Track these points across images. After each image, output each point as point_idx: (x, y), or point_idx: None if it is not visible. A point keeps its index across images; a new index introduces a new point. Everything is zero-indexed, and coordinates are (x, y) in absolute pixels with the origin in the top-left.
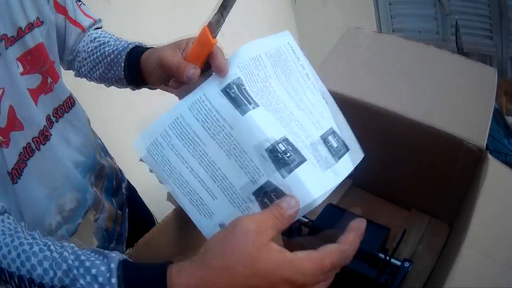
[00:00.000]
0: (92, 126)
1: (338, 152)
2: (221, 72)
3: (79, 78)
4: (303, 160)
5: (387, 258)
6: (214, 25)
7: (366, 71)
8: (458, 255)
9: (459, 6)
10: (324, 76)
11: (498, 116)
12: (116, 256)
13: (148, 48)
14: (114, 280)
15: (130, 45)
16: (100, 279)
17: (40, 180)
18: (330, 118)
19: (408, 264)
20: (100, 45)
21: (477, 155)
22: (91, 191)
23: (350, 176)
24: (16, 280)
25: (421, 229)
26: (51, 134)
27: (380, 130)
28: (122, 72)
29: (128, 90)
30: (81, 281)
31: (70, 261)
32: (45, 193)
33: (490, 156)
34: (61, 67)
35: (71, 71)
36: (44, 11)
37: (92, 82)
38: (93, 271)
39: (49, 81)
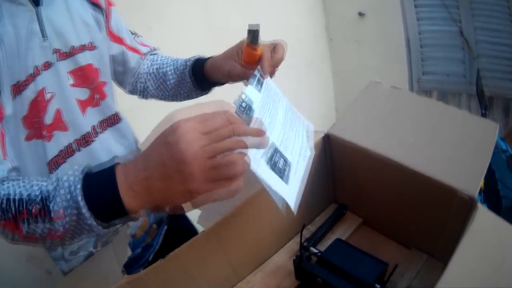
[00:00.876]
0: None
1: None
2: (265, 74)
3: (144, 100)
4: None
5: None
6: (252, 42)
7: (380, 123)
8: None
9: (487, 49)
10: (343, 126)
11: (510, 162)
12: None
13: (206, 59)
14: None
15: (190, 61)
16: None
17: None
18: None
19: None
20: (161, 66)
21: (469, 204)
22: None
23: (361, 216)
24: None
25: (418, 266)
26: (94, 141)
27: (387, 177)
28: (192, 85)
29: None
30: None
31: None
32: None
33: (479, 205)
34: (113, 89)
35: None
36: (97, 39)
37: (160, 100)
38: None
39: (96, 97)
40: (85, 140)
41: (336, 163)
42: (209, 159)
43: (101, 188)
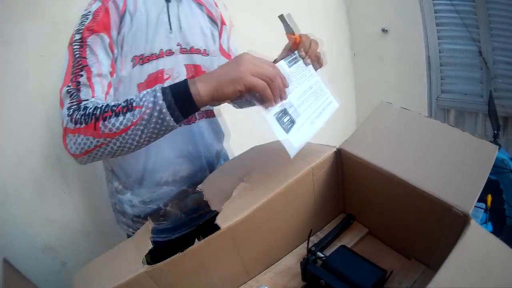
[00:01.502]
0: None
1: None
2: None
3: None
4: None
5: None
6: (286, 29)
7: (387, 141)
8: None
9: (504, 70)
10: (354, 143)
11: None
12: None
13: None
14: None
15: None
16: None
17: (173, 144)
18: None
19: None
20: None
21: (463, 219)
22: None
23: (367, 226)
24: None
25: (415, 276)
26: (193, 123)
27: (391, 191)
28: None
29: None
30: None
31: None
32: (173, 154)
33: (472, 221)
34: None
35: None
36: (210, 48)
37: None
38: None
39: None
40: (187, 121)
41: (346, 176)
42: (255, 65)
43: (175, 86)
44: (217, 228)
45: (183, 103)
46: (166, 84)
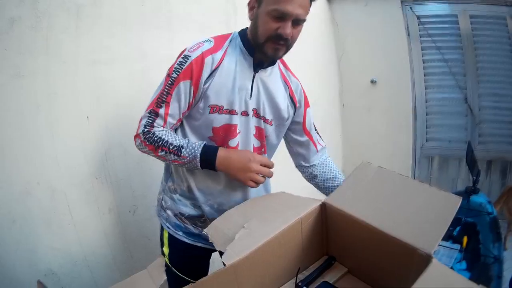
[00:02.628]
0: None
1: None
2: None
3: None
4: None
5: None
6: None
7: (365, 196)
8: None
9: (489, 115)
10: (336, 197)
11: (493, 224)
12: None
13: None
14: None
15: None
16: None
17: (225, 181)
18: None
19: None
20: (330, 178)
21: (427, 259)
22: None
23: (346, 266)
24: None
25: None
26: None
27: (367, 237)
28: None
29: None
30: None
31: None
32: (224, 196)
33: (434, 260)
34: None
35: None
36: (277, 120)
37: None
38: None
39: (262, 151)
40: None
41: (329, 225)
42: (260, 161)
43: (208, 152)
44: None
45: (208, 165)
46: (236, 138)
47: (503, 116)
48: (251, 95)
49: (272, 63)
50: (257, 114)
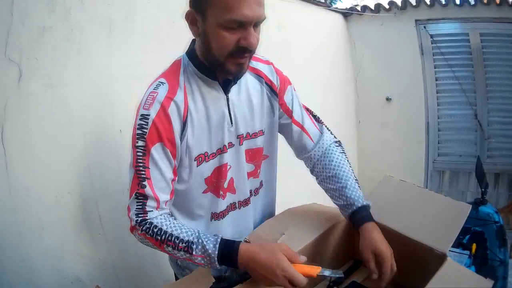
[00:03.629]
0: None
1: None
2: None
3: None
4: None
5: None
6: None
7: (388, 206)
8: None
9: (497, 130)
10: None
11: (499, 231)
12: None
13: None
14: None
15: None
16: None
17: (232, 225)
18: None
19: None
20: (333, 176)
21: (441, 258)
22: None
23: None
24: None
25: None
26: (250, 203)
27: (390, 241)
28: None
29: None
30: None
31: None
32: (231, 233)
33: (449, 259)
34: (274, 161)
35: None
36: (266, 125)
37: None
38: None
39: (258, 171)
40: (245, 202)
41: (356, 231)
42: (288, 277)
43: (226, 252)
44: None
45: (231, 265)
46: (229, 174)
47: (510, 131)
48: (231, 123)
49: (240, 75)
50: (247, 136)
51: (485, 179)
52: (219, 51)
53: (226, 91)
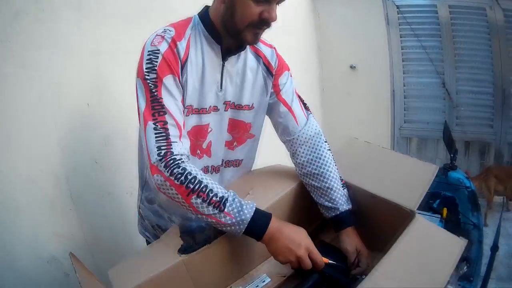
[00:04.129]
0: None
1: None
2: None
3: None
4: None
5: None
6: None
7: (355, 165)
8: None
9: (466, 98)
10: None
11: (471, 196)
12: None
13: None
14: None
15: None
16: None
17: None
18: None
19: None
20: (319, 165)
21: (410, 215)
22: None
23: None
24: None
25: (374, 262)
26: (219, 171)
27: (358, 199)
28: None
29: None
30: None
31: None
32: None
33: (418, 216)
34: (257, 143)
35: None
36: (258, 101)
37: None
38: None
39: (234, 144)
40: (217, 169)
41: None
42: (311, 252)
43: (259, 220)
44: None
45: (254, 234)
46: (208, 137)
47: (480, 100)
48: (221, 88)
49: (242, 48)
50: (232, 105)
51: (454, 145)
52: (241, 19)
53: (224, 58)
